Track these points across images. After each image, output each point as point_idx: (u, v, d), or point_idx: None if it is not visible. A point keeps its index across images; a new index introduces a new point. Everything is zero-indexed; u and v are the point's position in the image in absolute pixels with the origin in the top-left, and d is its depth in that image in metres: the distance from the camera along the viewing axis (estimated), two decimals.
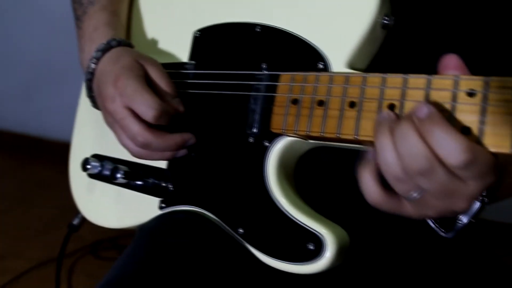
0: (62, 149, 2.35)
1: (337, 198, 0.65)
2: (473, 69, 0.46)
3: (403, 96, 0.48)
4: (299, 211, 0.55)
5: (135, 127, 0.60)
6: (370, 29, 0.54)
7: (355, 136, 0.50)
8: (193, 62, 0.69)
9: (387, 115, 0.46)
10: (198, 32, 0.69)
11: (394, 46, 0.59)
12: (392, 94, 0.49)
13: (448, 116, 0.44)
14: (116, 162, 0.75)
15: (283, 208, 0.55)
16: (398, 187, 0.45)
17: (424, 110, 0.42)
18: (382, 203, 0.47)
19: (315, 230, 0.53)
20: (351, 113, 0.51)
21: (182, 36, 0.71)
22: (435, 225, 0.51)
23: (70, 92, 2.33)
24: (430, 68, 0.57)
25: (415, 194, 0.45)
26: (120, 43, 0.68)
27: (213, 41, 0.68)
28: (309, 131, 0.54)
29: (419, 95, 0.47)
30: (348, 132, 0.51)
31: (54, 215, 1.94)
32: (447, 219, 0.50)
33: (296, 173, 0.61)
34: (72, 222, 0.86)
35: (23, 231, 1.84)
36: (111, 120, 0.64)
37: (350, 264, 0.63)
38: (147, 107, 0.59)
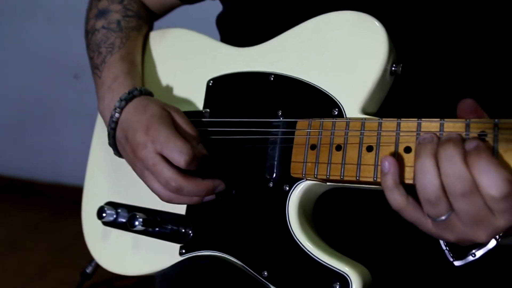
0: (52, 191, 2.35)
1: (354, 236, 0.68)
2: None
3: (418, 139, 0.52)
4: (322, 252, 0.57)
5: (168, 172, 0.62)
6: (380, 77, 0.58)
7: (375, 179, 0.53)
8: (207, 110, 0.72)
9: (430, 136, 0.48)
10: (211, 81, 0.73)
11: (402, 90, 0.63)
12: (408, 137, 0.52)
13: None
14: (131, 209, 0.77)
15: (307, 250, 0.58)
16: (429, 209, 0.47)
17: (473, 143, 0.45)
18: (406, 211, 0.49)
19: (340, 270, 0.55)
20: (369, 157, 0.54)
21: (196, 85, 0.74)
22: (446, 248, 0.53)
23: (59, 133, 2.36)
24: (434, 109, 0.61)
25: (443, 217, 0.47)
26: (141, 92, 0.70)
27: (227, 89, 0.71)
28: (329, 175, 0.57)
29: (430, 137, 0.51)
30: (367, 175, 0.54)
31: (46, 259, 1.91)
32: (460, 248, 0.52)
33: (314, 214, 0.64)
34: (85, 270, 0.86)
35: (16, 277, 1.81)
36: (141, 167, 0.66)
37: None
38: (180, 154, 0.61)
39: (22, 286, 1.76)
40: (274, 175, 0.62)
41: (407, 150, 0.52)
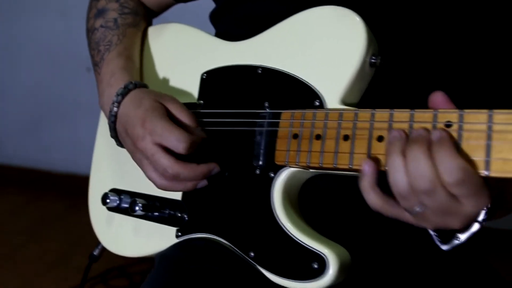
0: (70, 182, 2.44)
1: (338, 220, 0.72)
2: (456, 101, 0.53)
3: (390, 129, 0.55)
4: (304, 234, 0.61)
5: (165, 161, 0.67)
6: (359, 69, 0.61)
7: (350, 166, 0.57)
8: (201, 102, 0.76)
9: (398, 134, 0.52)
10: (205, 74, 0.77)
11: (383, 82, 0.67)
12: (381, 127, 0.56)
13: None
14: (133, 195, 0.82)
15: (289, 232, 0.62)
16: (403, 202, 0.52)
17: (437, 134, 0.49)
18: (384, 209, 0.53)
19: (318, 251, 0.59)
20: (345, 145, 0.58)
21: (192, 78, 0.78)
22: (434, 234, 0.56)
23: (77, 125, 2.44)
24: (415, 100, 0.64)
25: (417, 209, 0.51)
26: (136, 85, 0.75)
27: (219, 82, 0.75)
28: (309, 163, 0.61)
29: (404, 127, 0.54)
30: (343, 162, 0.58)
31: (64, 248, 2.00)
32: (447, 232, 0.55)
33: (300, 198, 0.68)
34: (92, 253, 0.92)
35: (36, 266, 1.90)
36: (140, 157, 0.71)
37: (353, 281, 0.69)
38: (178, 142, 0.66)
39: (43, 273, 1.85)
40: (261, 163, 0.66)
41: (380, 139, 0.55)
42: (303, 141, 0.62)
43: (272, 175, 0.65)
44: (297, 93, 0.65)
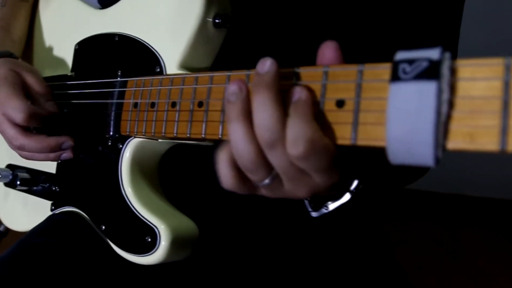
0: None
1: (198, 191, 0.69)
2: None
3: (208, 94, 0.52)
4: (144, 207, 0.59)
5: (11, 131, 0.66)
6: (197, 30, 0.57)
7: (175, 134, 0.54)
8: (72, 73, 0.74)
9: (238, 89, 0.42)
10: (77, 45, 0.74)
11: (240, 44, 0.62)
12: (202, 92, 0.52)
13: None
14: (29, 172, 0.81)
15: (131, 204, 0.60)
16: (251, 176, 0.44)
17: (296, 94, 0.40)
18: (238, 188, 0.45)
19: (152, 224, 0.57)
20: (172, 114, 0.55)
21: (69, 49, 0.76)
22: (307, 199, 0.50)
23: None
24: (282, 62, 0.60)
25: (267, 181, 0.44)
26: None
27: (87, 52, 0.72)
28: (144, 132, 0.58)
29: (220, 91, 0.51)
30: (171, 130, 0.55)
31: None
32: (318, 200, 0.50)
33: (164, 170, 0.65)
34: None
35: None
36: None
37: (206, 256, 0.67)
38: (16, 111, 0.64)
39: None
40: (111, 134, 0.64)
41: (200, 104, 0.52)
42: (141, 110, 0.59)
43: (120, 146, 0.63)
44: (143, 60, 0.62)
